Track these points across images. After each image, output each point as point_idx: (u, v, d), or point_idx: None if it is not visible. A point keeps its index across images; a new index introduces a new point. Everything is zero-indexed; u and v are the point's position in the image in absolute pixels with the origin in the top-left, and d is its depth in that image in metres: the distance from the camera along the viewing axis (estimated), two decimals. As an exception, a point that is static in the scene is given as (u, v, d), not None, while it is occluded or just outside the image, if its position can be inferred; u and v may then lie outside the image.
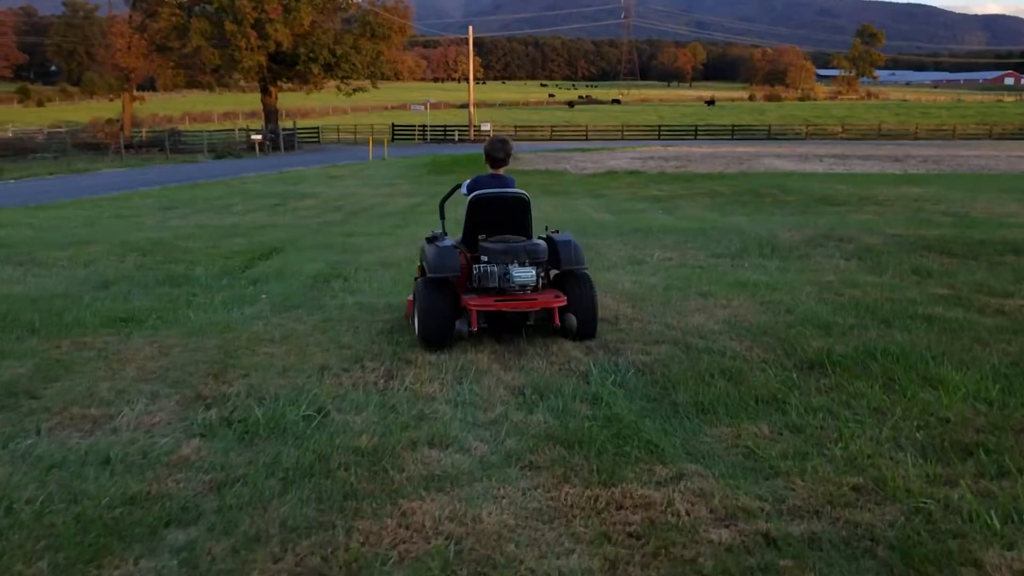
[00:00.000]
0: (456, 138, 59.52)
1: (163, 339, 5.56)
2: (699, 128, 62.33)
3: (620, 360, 5.03)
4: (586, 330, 5.40)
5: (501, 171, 5.80)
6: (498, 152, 5.78)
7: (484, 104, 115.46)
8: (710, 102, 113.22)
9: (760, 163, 30.09)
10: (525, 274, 5.22)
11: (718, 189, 19.40)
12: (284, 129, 51.18)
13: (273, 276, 8.18)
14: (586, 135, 60.63)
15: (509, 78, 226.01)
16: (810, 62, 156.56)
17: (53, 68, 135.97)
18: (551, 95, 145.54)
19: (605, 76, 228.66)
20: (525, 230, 5.53)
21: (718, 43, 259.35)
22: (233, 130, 53.30)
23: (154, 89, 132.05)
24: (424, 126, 61.54)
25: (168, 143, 44.53)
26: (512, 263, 5.24)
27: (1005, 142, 54.03)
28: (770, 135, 60.83)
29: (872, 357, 4.94)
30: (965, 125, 65.26)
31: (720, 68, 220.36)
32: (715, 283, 7.38)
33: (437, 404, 4.30)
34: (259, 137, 44.83)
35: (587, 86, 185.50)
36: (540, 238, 5.58)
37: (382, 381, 4.70)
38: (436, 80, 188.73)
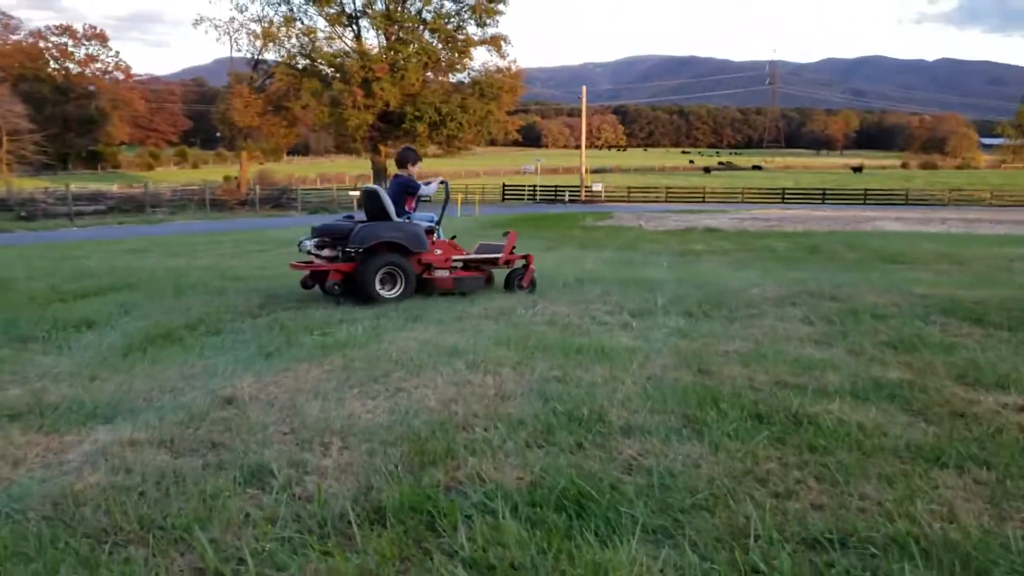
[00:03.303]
0: (567, 198, 57.88)
1: None
2: (827, 192, 57.77)
3: None
4: (355, 294, 6.94)
5: (404, 173, 7.63)
6: (394, 158, 7.82)
7: (619, 169, 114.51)
8: (857, 169, 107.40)
9: (870, 224, 26.54)
10: (305, 244, 7.12)
11: (776, 246, 16.48)
12: (388, 188, 50.97)
13: None
14: (703, 197, 57.45)
15: (652, 146, 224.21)
16: (973, 130, 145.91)
17: (218, 134, 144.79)
18: (690, 161, 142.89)
19: (751, 144, 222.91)
20: (380, 213, 7.22)
21: (874, 111, 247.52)
22: (331, 189, 53.86)
23: (306, 154, 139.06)
24: (534, 187, 60.27)
25: (258, 200, 45.63)
26: (310, 238, 7.12)
27: None
28: (908, 200, 55.04)
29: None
30: None
31: (875, 136, 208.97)
32: (516, 347, 4.92)
33: None
34: (357, 194, 44.72)
35: (730, 154, 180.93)
36: (359, 223, 7.19)
37: None
38: (577, 147, 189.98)
